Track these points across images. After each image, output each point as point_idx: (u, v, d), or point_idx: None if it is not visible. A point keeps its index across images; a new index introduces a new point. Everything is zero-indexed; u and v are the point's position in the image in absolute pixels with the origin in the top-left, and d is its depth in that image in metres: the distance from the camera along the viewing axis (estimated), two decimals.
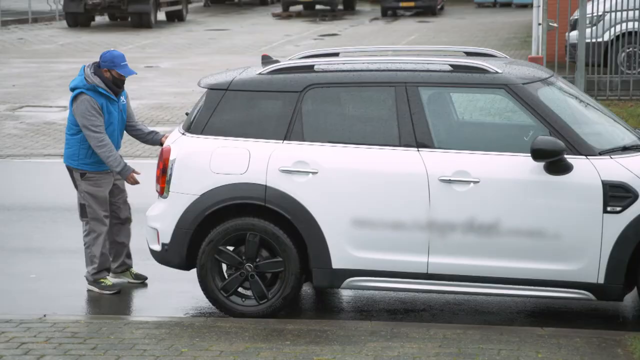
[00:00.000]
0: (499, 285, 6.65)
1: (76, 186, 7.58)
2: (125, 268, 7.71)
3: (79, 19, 29.58)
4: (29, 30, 29.38)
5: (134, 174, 7.48)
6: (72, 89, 7.47)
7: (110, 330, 6.43)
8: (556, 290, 6.60)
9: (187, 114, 7.48)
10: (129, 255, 7.73)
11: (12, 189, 10.83)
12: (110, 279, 7.58)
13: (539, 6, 15.06)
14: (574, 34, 15.38)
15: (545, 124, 6.62)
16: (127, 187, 7.77)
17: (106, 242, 7.54)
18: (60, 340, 6.25)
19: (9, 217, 9.63)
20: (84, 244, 7.57)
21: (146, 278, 7.72)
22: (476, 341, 6.22)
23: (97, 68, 7.47)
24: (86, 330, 6.43)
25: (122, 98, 7.66)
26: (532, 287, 6.62)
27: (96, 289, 7.52)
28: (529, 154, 6.52)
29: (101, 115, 7.40)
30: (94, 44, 25.47)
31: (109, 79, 7.46)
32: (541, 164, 6.53)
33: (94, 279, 7.52)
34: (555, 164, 6.50)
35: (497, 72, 6.76)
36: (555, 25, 14.14)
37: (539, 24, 14.52)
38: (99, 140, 7.33)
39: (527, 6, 33.78)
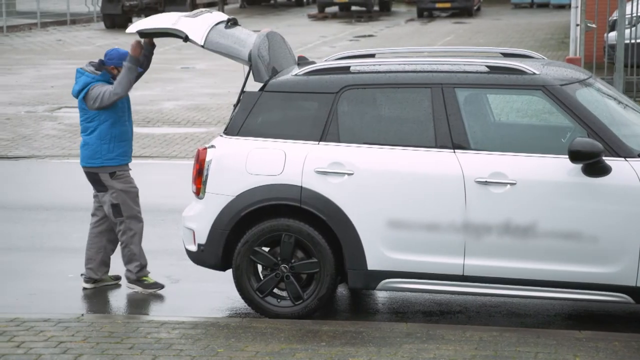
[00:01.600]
0: (535, 288, 6.60)
1: (101, 188, 7.51)
2: (106, 271, 7.71)
3: (116, 21, 29.86)
4: (67, 31, 29.69)
5: (131, 49, 7.35)
6: (80, 90, 7.40)
7: (146, 330, 6.47)
8: (594, 293, 6.55)
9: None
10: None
11: (50, 190, 10.94)
12: (152, 279, 7.60)
13: (577, 7, 14.94)
14: (612, 34, 15.24)
15: (583, 126, 6.57)
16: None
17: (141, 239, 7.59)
18: (97, 339, 6.30)
19: (47, 217, 9.72)
20: (121, 244, 7.60)
21: (120, 277, 7.76)
22: (513, 344, 6.19)
23: (102, 65, 7.50)
24: (123, 330, 6.48)
25: None
26: (570, 290, 6.57)
27: (140, 288, 7.54)
28: (567, 156, 6.47)
29: None
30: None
31: (116, 75, 7.49)
32: (579, 166, 6.48)
33: (137, 277, 7.54)
34: (593, 166, 6.45)
35: (534, 74, 6.72)
36: (593, 26, 14.02)
37: (577, 25, 14.41)
38: (112, 92, 7.24)
39: (565, 7, 33.56)
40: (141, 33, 7.31)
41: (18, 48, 25.43)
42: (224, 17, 7.40)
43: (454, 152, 6.66)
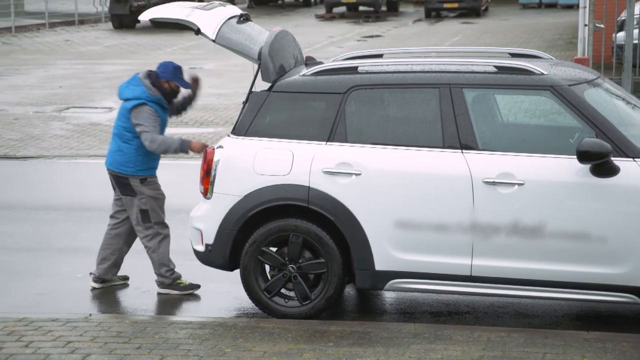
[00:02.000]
0: (543, 289, 6.59)
1: (129, 193, 7.47)
2: (116, 272, 7.71)
3: (124, 21, 29.91)
4: (75, 32, 29.74)
5: (194, 142, 7.42)
6: (130, 99, 7.36)
7: (154, 330, 6.48)
8: (602, 293, 6.53)
9: None
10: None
11: (58, 190, 10.96)
12: (186, 281, 7.55)
13: (585, 7, 14.90)
14: (620, 35, 15.20)
15: (592, 126, 6.56)
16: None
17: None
18: (105, 339, 6.31)
19: (55, 218, 9.74)
20: (148, 249, 7.53)
21: (128, 278, 7.78)
22: (520, 344, 6.18)
23: (156, 79, 7.45)
24: (131, 330, 6.49)
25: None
26: (578, 291, 6.55)
27: (176, 292, 7.50)
28: (575, 156, 6.46)
29: (159, 124, 7.43)
30: (139, 46, 25.70)
31: (167, 89, 7.48)
32: (587, 167, 6.47)
33: (172, 281, 7.51)
34: (602, 167, 6.43)
35: (542, 74, 6.71)
36: (601, 26, 13.98)
37: (585, 25, 14.37)
38: (151, 140, 7.29)
39: (573, 7, 33.51)
40: (154, 21, 7.30)
41: (26, 48, 25.49)
42: (237, 11, 7.39)
43: (462, 152, 6.65)
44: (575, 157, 6.46)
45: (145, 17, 7.27)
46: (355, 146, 6.78)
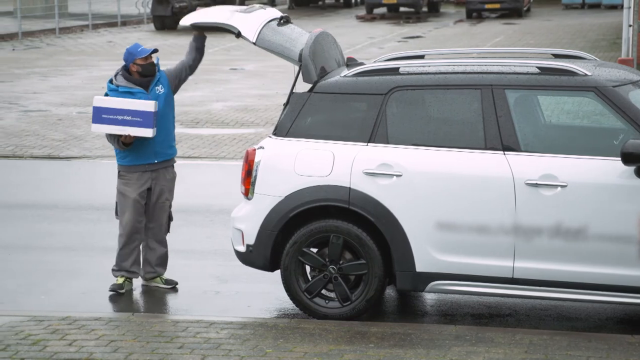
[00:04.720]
0: (586, 291, 6.53)
1: None
2: (154, 275, 7.68)
3: (166, 22, 30.12)
4: (118, 33, 30.01)
5: (123, 139, 7.36)
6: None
7: (196, 330, 6.51)
8: None
9: None
10: (158, 263, 7.65)
11: (101, 190, 11.05)
12: (121, 281, 7.56)
13: (629, 7, 14.76)
14: None
15: (636, 127, 6.48)
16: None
17: (134, 243, 7.51)
18: (147, 338, 6.36)
19: (98, 217, 9.83)
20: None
21: (177, 283, 7.68)
22: (563, 347, 6.13)
23: (125, 70, 7.56)
24: (173, 330, 6.53)
25: (159, 87, 7.52)
26: (621, 294, 6.48)
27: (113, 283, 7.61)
28: (619, 158, 6.39)
29: None
30: (180, 47, 25.84)
31: (138, 71, 7.51)
32: (631, 168, 6.39)
33: (113, 274, 7.62)
34: None
35: (586, 75, 6.65)
36: None
37: (630, 26, 14.23)
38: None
39: (617, 7, 33.18)
40: (194, 26, 7.36)
41: (70, 49, 25.77)
42: (278, 14, 7.41)
43: (504, 153, 6.61)
44: (619, 158, 6.39)
45: (185, 22, 7.33)
46: (396, 147, 6.76)
